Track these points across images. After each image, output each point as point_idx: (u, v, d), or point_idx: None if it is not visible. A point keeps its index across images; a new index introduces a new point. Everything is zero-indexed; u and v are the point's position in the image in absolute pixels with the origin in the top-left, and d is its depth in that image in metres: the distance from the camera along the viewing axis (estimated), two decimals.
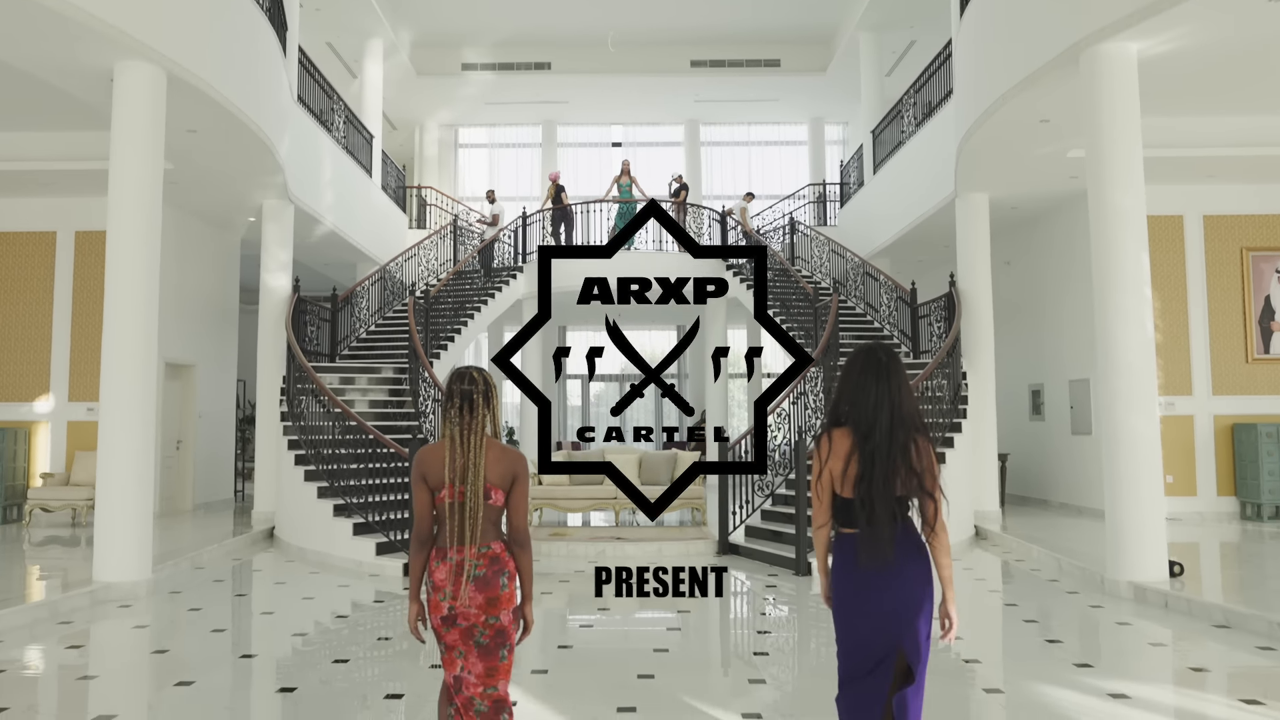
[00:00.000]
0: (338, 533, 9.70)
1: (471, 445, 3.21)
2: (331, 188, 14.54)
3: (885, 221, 16.20)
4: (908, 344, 14.23)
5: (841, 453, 3.12)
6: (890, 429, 3.08)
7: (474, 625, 3.23)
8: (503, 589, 3.24)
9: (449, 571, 3.21)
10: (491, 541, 3.25)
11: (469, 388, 3.26)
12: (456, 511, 3.20)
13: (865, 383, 3.15)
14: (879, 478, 3.05)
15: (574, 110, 20.85)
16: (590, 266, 16.38)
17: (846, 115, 21.27)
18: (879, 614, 3.10)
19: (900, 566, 3.09)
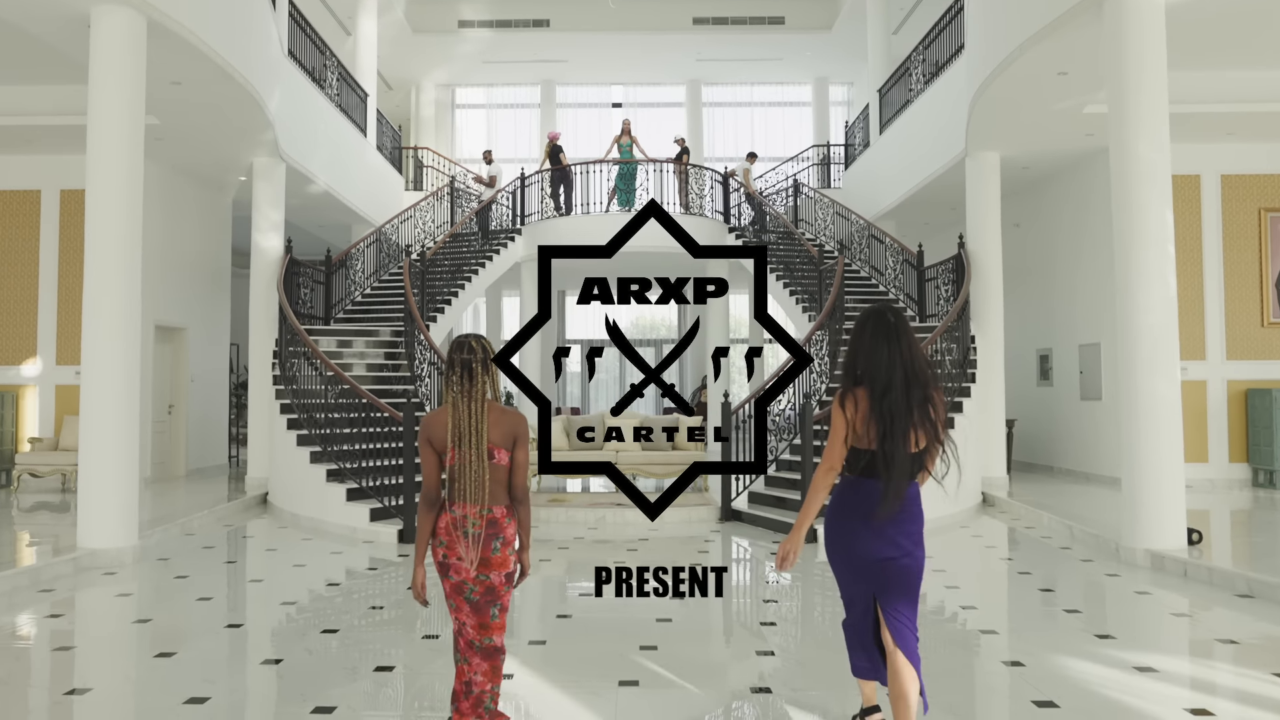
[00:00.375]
0: (331, 499, 9.44)
1: (473, 410, 3.35)
2: (324, 147, 14.14)
3: (892, 183, 15.81)
4: (913, 307, 13.90)
5: (865, 410, 3.31)
6: (906, 387, 3.28)
7: (464, 581, 3.37)
8: (494, 552, 3.37)
9: (449, 524, 3.37)
10: (494, 505, 3.38)
11: (468, 356, 3.38)
12: (462, 472, 3.34)
13: (877, 345, 3.32)
14: (898, 434, 3.25)
15: (573, 70, 20.37)
16: (588, 223, 16.04)
17: (851, 75, 20.79)
18: (872, 554, 3.38)
19: (902, 520, 3.37)
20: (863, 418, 3.31)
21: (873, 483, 3.32)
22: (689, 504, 10.25)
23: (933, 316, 13.31)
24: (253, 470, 11.95)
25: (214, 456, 14.34)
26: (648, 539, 8.99)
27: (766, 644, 5.43)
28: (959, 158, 12.51)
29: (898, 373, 3.28)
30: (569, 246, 16.20)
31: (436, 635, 5.56)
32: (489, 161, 17.17)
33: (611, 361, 22.07)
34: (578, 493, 11.64)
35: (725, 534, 9.37)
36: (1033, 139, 11.81)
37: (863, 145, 17.87)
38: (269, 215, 12.39)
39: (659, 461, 11.44)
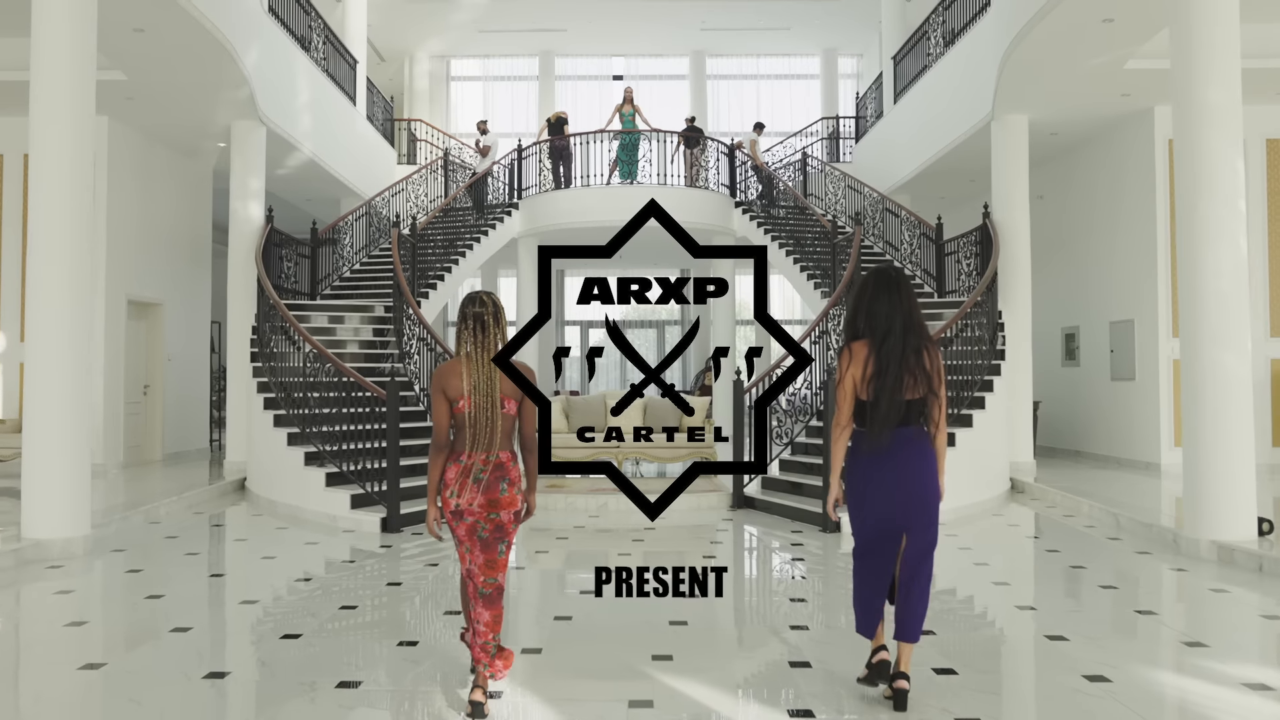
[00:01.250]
0: (309, 484, 8.61)
1: (485, 361, 3.54)
2: (310, 112, 13.25)
3: (907, 154, 14.94)
4: (931, 283, 13.08)
5: (860, 359, 3.54)
6: (903, 335, 3.49)
7: (477, 521, 3.59)
8: (502, 493, 3.60)
9: (459, 472, 3.57)
10: (500, 451, 3.59)
11: (480, 310, 3.59)
12: (474, 420, 3.52)
13: (879, 295, 3.56)
14: (890, 379, 3.48)
15: (573, 40, 19.45)
16: (588, 197, 15.17)
17: (861, 46, 19.89)
18: (887, 498, 3.59)
19: (907, 460, 3.56)
20: (860, 367, 3.55)
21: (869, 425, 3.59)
22: (698, 490, 9.43)
23: (952, 292, 12.47)
24: (231, 454, 11.13)
25: (194, 440, 13.51)
26: (654, 528, 8.18)
27: (801, 653, 4.60)
28: (983, 122, 11.65)
29: (897, 320, 3.51)
30: (570, 247, 15.43)
31: (415, 642, 4.75)
32: (484, 132, 16.27)
33: None
34: (577, 478, 10.83)
35: (737, 523, 8.56)
36: (1065, 101, 10.94)
37: (875, 116, 16.98)
38: (248, 182, 11.51)
39: (664, 444, 10.61)
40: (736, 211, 15.89)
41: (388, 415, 8.01)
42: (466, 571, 3.67)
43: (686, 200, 15.18)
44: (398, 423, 8.05)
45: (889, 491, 3.60)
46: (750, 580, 6.68)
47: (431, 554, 7.03)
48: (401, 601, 5.78)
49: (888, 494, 3.60)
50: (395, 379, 8.03)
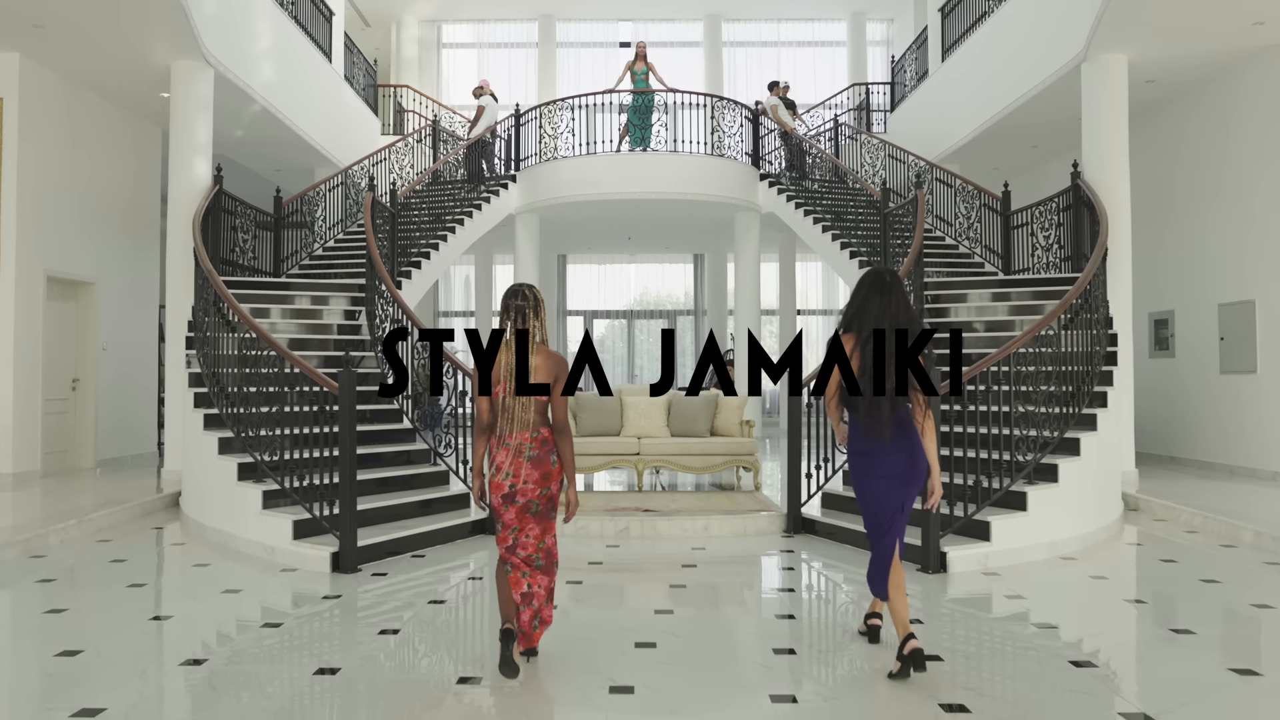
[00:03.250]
0: (243, 504, 6.51)
1: (524, 349, 3.75)
2: (272, 61, 11.14)
3: (958, 117, 12.86)
4: (995, 260, 11.03)
5: (849, 350, 3.86)
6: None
7: (530, 500, 3.77)
8: (553, 464, 3.81)
9: (509, 454, 3.74)
10: (541, 427, 3.79)
11: (521, 303, 3.82)
12: (514, 403, 3.72)
13: (871, 296, 3.89)
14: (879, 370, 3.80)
15: (576, 2, 17.34)
16: (596, 165, 13.09)
17: (892, 9, 17.80)
18: (884, 478, 3.91)
19: (897, 442, 3.87)
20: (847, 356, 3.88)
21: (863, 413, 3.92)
22: (743, 510, 7.35)
23: (1022, 271, 10.42)
24: (170, 462, 9.08)
25: (138, 444, 11.39)
26: (693, 564, 6.10)
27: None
28: (1069, 66, 9.60)
29: (884, 322, 3.80)
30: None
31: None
32: (478, 95, 14.15)
33: (620, 333, 19.10)
34: (590, 492, 8.73)
35: (796, 553, 6.48)
36: (1178, 35, 8.88)
37: (917, 78, 14.88)
38: (192, 135, 9.42)
39: (695, 451, 8.52)
40: (762, 185, 13.82)
41: (340, 416, 5.91)
42: (509, 551, 3.80)
43: (705, 171, 13.11)
44: (354, 425, 5.94)
45: (893, 473, 3.90)
46: (824, 643, 4.60)
47: (396, 605, 4.95)
48: (337, 705, 3.68)
49: (889, 475, 3.90)
50: (351, 369, 5.91)
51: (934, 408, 4.15)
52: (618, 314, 18.90)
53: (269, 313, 9.28)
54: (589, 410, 8.79)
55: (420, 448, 7.85)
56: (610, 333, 19.16)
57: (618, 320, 19.01)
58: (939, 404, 5.57)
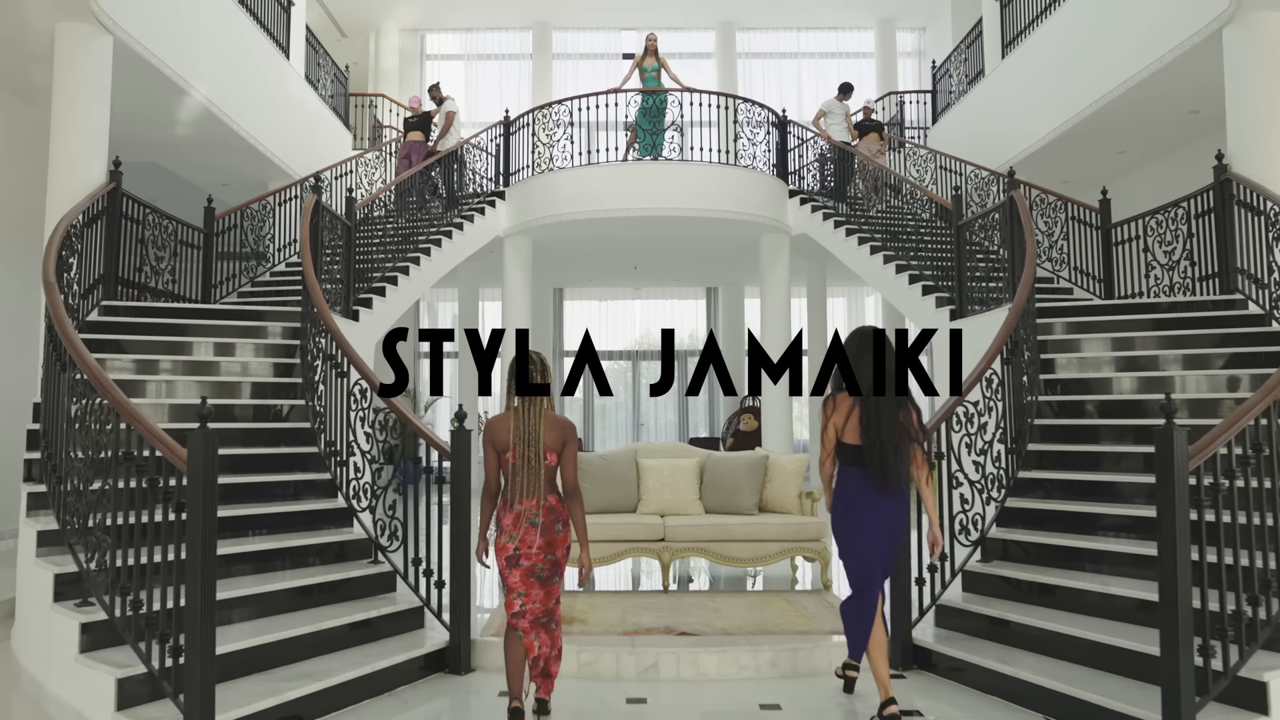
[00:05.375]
0: (58, 639, 4.08)
1: (533, 415, 3.79)
2: (209, 45, 8.91)
3: (1025, 120, 10.65)
4: (1090, 284, 8.76)
5: (844, 410, 3.93)
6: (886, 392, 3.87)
7: (535, 564, 3.77)
8: (558, 532, 3.81)
9: (514, 519, 3.77)
10: (549, 494, 3.80)
11: (530, 368, 3.85)
12: (522, 469, 3.76)
13: (863, 354, 3.91)
14: (885, 427, 3.82)
15: (574, 6, 15.25)
16: (598, 177, 10.84)
17: (924, 18, 15.74)
18: (875, 532, 3.90)
19: (893, 496, 3.88)
20: (843, 417, 3.93)
21: (861, 470, 3.88)
22: (820, 629, 4.95)
23: (1134, 296, 8.14)
24: None
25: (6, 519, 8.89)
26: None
27: None
28: (1199, 37, 7.42)
29: (880, 380, 3.86)
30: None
31: None
32: (438, 100, 11.82)
33: (622, 377, 16.69)
34: (597, 594, 6.29)
35: (909, 705, 4.06)
36: None
37: (966, 82, 12.70)
38: (82, 120, 7.12)
39: (740, 535, 6.10)
40: (792, 202, 11.57)
41: (189, 500, 3.49)
42: (516, 616, 3.79)
43: (726, 184, 10.86)
44: (211, 522, 3.51)
45: (884, 528, 3.90)
46: None
47: None
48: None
49: (877, 529, 3.90)
50: (207, 428, 3.50)
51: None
52: (621, 355, 16.54)
53: (188, 349, 6.91)
54: (595, 479, 6.38)
55: (358, 536, 5.44)
56: (612, 376, 16.76)
57: (620, 362, 16.63)
58: None
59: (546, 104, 11.44)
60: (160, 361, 6.63)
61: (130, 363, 6.52)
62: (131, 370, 6.49)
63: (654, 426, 16.28)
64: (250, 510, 5.32)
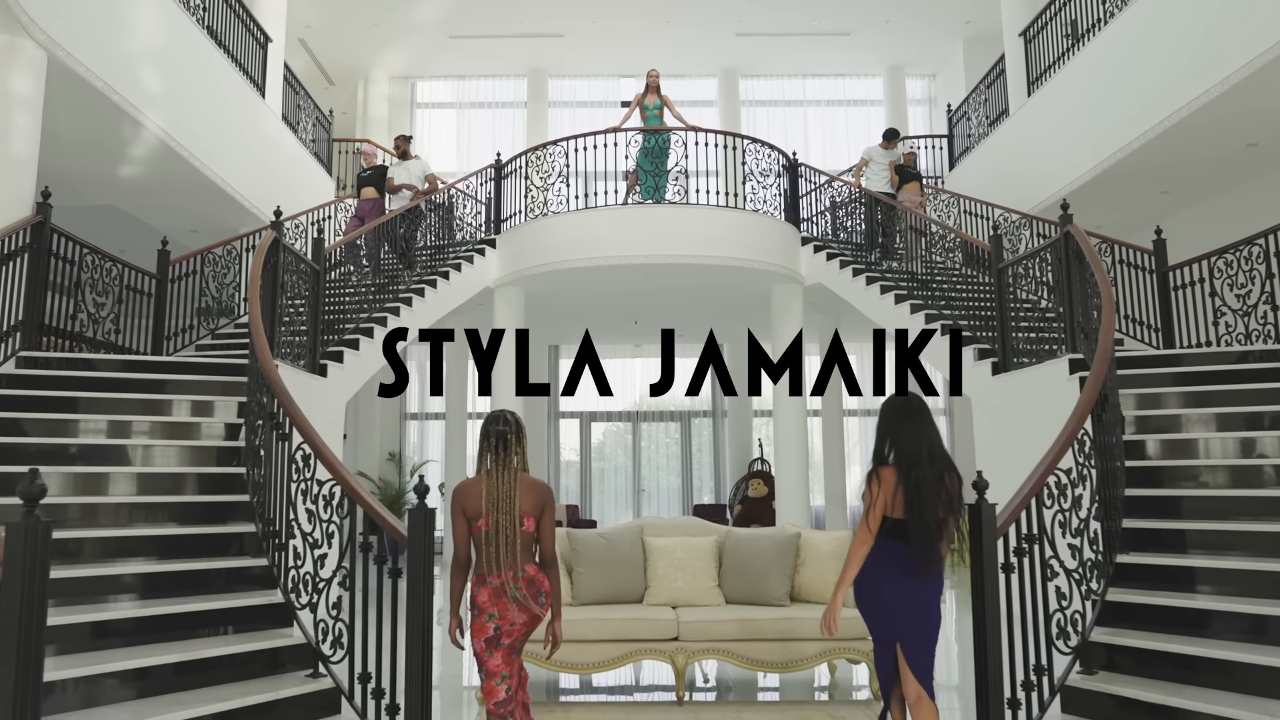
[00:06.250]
0: None
1: (506, 479, 3.39)
2: (163, 70, 8.03)
3: (1057, 160, 9.77)
4: (1141, 332, 7.80)
5: (891, 484, 3.56)
6: (929, 461, 3.52)
7: (516, 640, 3.38)
8: (541, 606, 3.41)
9: (491, 595, 3.34)
10: (526, 564, 3.38)
11: (503, 428, 3.48)
12: (494, 538, 3.34)
13: (904, 425, 3.60)
14: (927, 501, 3.48)
15: (570, 53, 14.52)
16: (596, 222, 9.92)
17: (934, 65, 15.04)
18: (899, 602, 3.53)
19: (935, 579, 3.53)
20: (889, 492, 3.55)
21: (899, 545, 3.52)
22: None
23: (1197, 347, 7.15)
24: None
25: None
26: None
27: None
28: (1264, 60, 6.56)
29: (922, 450, 3.52)
30: None
31: None
32: (403, 154, 10.57)
33: (622, 440, 15.57)
34: (593, 707, 5.12)
35: None
36: None
37: (988, 123, 11.88)
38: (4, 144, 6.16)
39: (770, 633, 4.96)
40: (805, 250, 10.65)
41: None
42: (500, 706, 3.38)
43: (734, 229, 9.93)
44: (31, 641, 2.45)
45: (916, 613, 3.53)
46: None
47: None
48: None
49: (912, 613, 3.54)
50: (36, 514, 2.43)
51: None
52: (620, 416, 15.46)
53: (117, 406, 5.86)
54: (594, 563, 5.26)
55: (298, 641, 4.32)
56: (611, 438, 15.67)
57: (620, 423, 15.54)
58: None
59: (541, 145, 10.57)
60: (79, 422, 5.57)
61: (39, 422, 5.45)
62: (41, 431, 5.43)
63: (656, 493, 15.13)
64: (165, 608, 4.21)
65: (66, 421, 5.54)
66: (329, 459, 4.08)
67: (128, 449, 5.44)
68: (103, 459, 5.35)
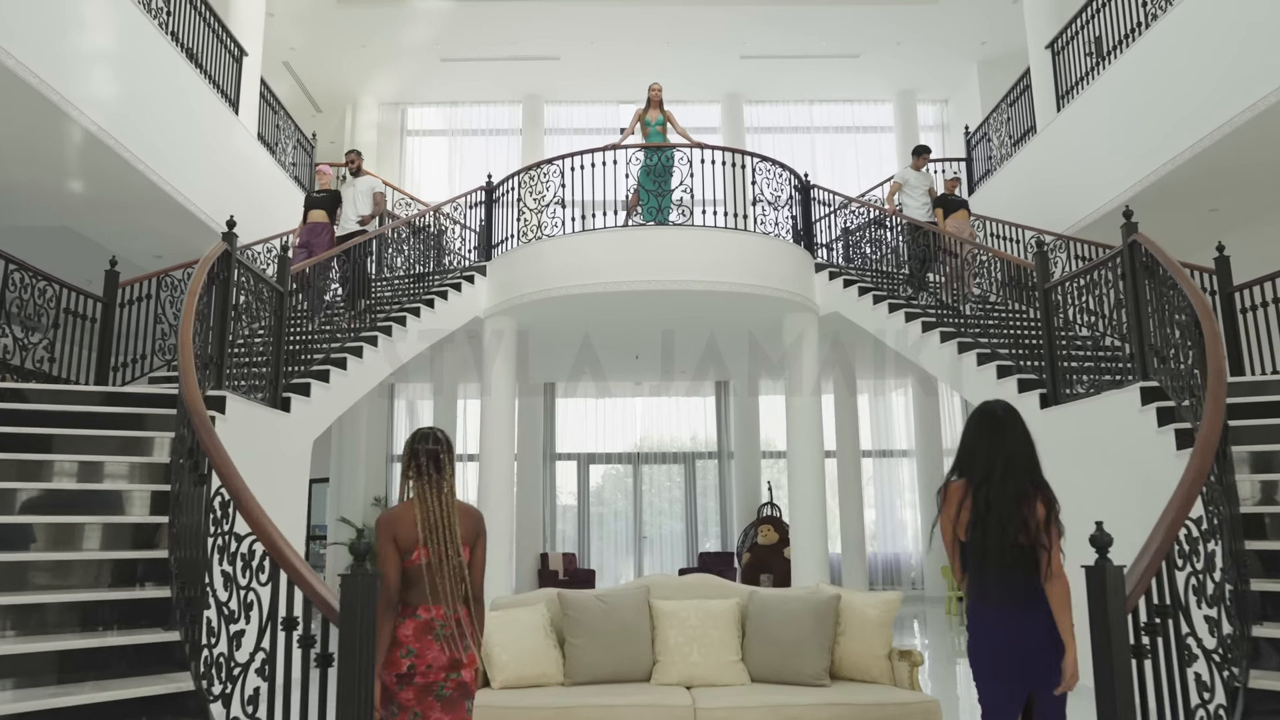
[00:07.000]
0: None
1: (444, 503, 2.98)
2: (113, 72, 7.22)
3: (1091, 178, 8.97)
4: None
5: (955, 502, 3.11)
6: (1003, 479, 3.02)
7: (434, 682, 2.91)
8: (466, 649, 2.97)
9: (417, 630, 2.90)
10: (459, 604, 2.98)
11: (435, 447, 3.06)
12: (434, 571, 2.92)
13: (980, 436, 3.13)
14: (993, 524, 2.98)
15: (567, 77, 13.81)
16: (594, 246, 9.08)
17: (946, 90, 14.35)
18: (1000, 650, 2.95)
19: (1024, 612, 2.94)
20: (953, 508, 3.11)
21: (978, 580, 3.06)
22: None
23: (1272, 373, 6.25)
24: None
25: None
26: None
27: None
28: None
29: (997, 464, 3.05)
30: None
31: None
32: (355, 170, 9.53)
33: (622, 484, 14.59)
34: None
35: None
36: None
37: (1012, 143, 11.10)
38: None
39: (804, 700, 3.98)
40: (820, 276, 9.79)
41: None
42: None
43: (743, 253, 9.08)
44: None
45: (998, 649, 2.95)
46: None
47: None
48: None
49: (997, 651, 2.96)
50: None
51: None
52: (620, 458, 14.48)
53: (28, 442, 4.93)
54: (592, 632, 4.29)
55: None
56: (610, 481, 14.67)
57: (619, 466, 14.56)
58: None
59: (535, 164, 9.76)
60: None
61: None
62: None
63: (658, 539, 14.10)
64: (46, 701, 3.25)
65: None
66: (248, 505, 3.14)
67: (35, 494, 4.50)
68: (4, 506, 4.41)
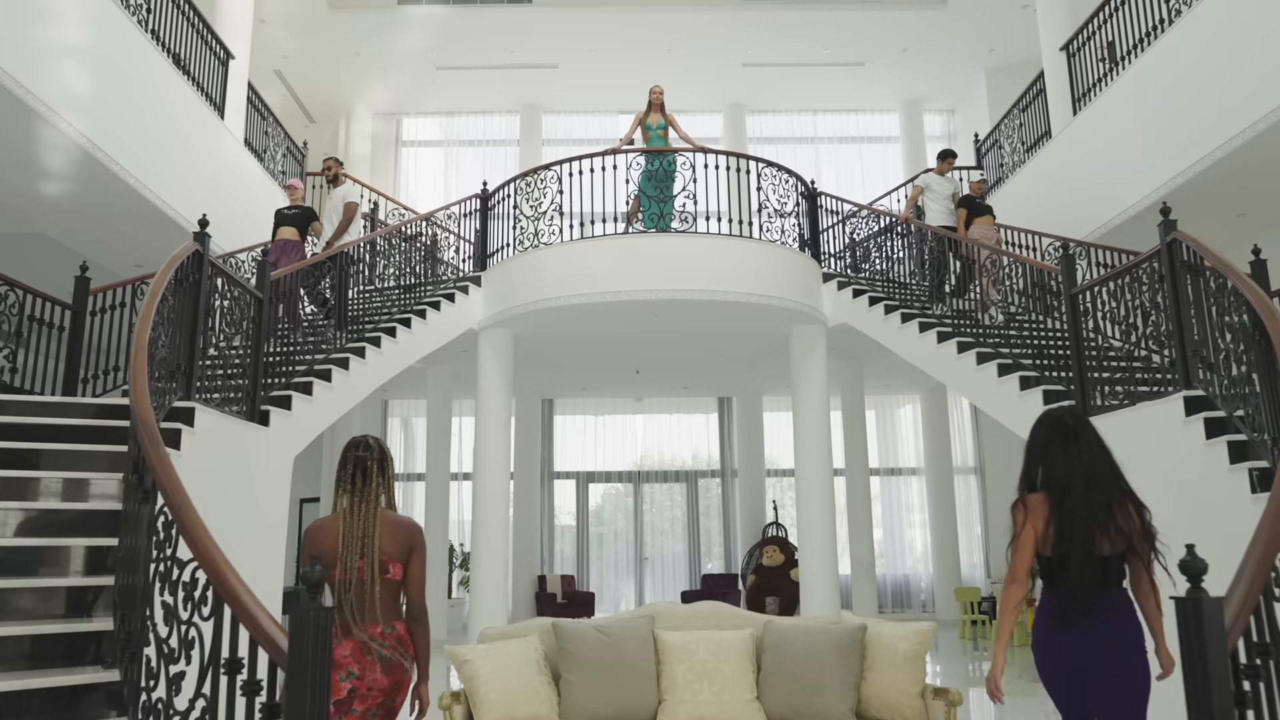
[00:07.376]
0: None
1: (365, 516, 2.85)
2: (87, 69, 6.83)
3: (1116, 179, 8.56)
4: None
5: (1041, 515, 2.96)
6: (1086, 490, 2.90)
7: (369, 709, 2.79)
8: (407, 672, 2.88)
9: (354, 649, 2.77)
10: (395, 621, 2.88)
11: (363, 454, 2.95)
12: (353, 588, 2.79)
13: (1053, 446, 3.00)
14: (1079, 538, 2.87)
15: (565, 86, 13.46)
16: (593, 254, 8.66)
17: (953, 100, 14.00)
18: (1077, 672, 2.87)
19: (1098, 628, 2.85)
20: (1040, 521, 2.94)
21: (1055, 594, 2.95)
22: None
23: None
24: None
25: None
26: None
27: None
28: None
29: (1078, 474, 2.92)
30: None
31: None
32: (332, 178, 9.09)
33: (622, 503, 14.10)
34: None
35: None
36: None
37: (1025, 150, 10.72)
38: None
39: None
40: (828, 286, 9.38)
41: None
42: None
43: (748, 261, 8.66)
44: None
45: (1081, 669, 2.85)
46: None
47: None
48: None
49: (1079, 671, 2.85)
50: None
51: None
52: (620, 476, 14.01)
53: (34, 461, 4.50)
54: (589, 667, 3.82)
55: None
56: (610, 501, 14.19)
57: (620, 484, 14.08)
58: None
59: (532, 170, 9.36)
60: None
61: None
62: None
63: (659, 560, 13.61)
64: None
65: None
66: (190, 524, 2.69)
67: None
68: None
